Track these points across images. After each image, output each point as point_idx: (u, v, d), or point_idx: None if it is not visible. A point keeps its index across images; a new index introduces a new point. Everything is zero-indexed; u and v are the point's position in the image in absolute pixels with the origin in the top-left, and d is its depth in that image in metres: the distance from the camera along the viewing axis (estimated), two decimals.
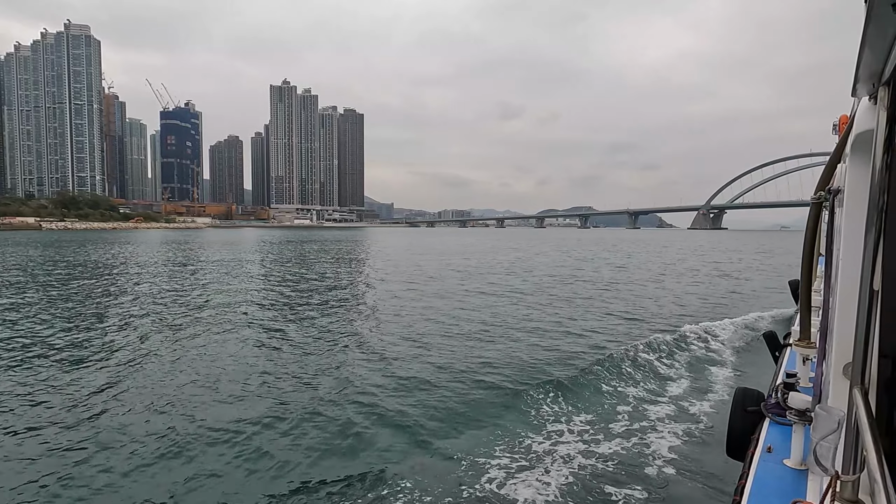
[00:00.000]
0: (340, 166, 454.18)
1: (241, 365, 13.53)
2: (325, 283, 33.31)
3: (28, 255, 52.97)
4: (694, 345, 16.02)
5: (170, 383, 11.89)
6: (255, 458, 8.25)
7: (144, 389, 11.44)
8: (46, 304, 22.96)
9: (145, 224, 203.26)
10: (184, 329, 17.89)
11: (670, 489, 7.42)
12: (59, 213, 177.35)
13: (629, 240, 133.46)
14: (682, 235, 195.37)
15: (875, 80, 2.45)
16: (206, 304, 23.40)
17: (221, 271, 38.72)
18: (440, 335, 17.30)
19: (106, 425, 9.42)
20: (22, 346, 15.18)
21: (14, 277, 33.11)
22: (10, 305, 22.28)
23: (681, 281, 36.22)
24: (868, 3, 1.81)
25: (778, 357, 6.74)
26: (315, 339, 16.86)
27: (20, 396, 10.85)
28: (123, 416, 9.86)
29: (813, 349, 5.36)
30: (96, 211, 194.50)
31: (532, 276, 38.95)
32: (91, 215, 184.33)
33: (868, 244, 2.32)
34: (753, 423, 4.56)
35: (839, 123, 4.77)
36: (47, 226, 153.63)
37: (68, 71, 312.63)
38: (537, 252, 72.12)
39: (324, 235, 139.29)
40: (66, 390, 11.28)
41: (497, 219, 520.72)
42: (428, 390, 11.59)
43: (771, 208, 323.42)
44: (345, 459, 8.33)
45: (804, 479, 3.62)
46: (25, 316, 19.95)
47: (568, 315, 21.52)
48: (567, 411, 10.49)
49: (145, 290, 27.91)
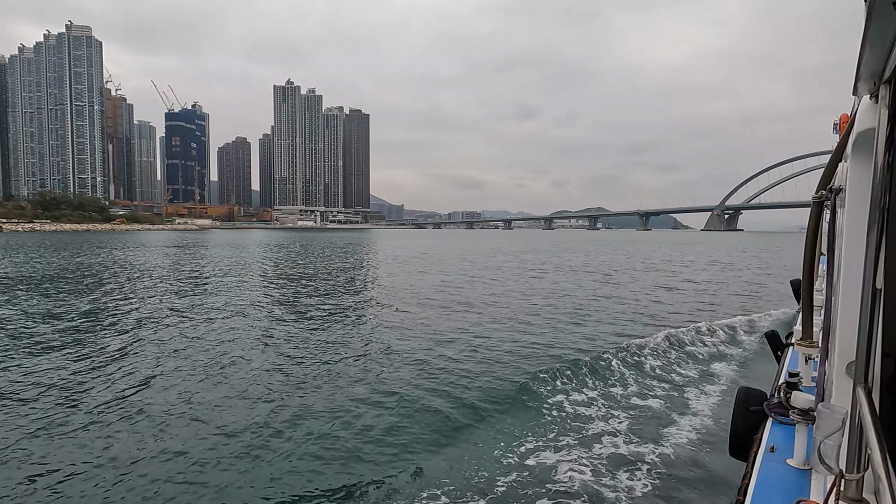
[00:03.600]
0: (346, 167, 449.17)
1: (239, 368, 13.35)
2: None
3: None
4: (696, 345, 15.89)
5: (172, 389, 11.57)
6: (275, 457, 8.29)
7: (154, 399, 11.03)
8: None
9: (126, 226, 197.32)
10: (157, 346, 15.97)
11: (673, 489, 7.42)
12: (34, 213, 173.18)
13: (620, 241, 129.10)
14: (686, 237, 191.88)
15: (876, 79, 2.43)
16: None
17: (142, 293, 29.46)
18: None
19: (119, 423, 9.51)
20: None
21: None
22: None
23: (680, 282, 35.78)
24: (868, 1, 1.81)
25: (780, 357, 6.73)
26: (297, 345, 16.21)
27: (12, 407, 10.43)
28: (135, 417, 9.88)
29: (815, 348, 5.33)
30: (75, 212, 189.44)
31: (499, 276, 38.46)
32: (66, 216, 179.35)
33: (870, 243, 2.31)
34: (756, 422, 4.53)
35: (840, 122, 4.71)
36: (10, 227, 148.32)
37: (69, 72, 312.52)
38: (512, 253, 71.08)
39: (315, 238, 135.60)
40: (69, 393, 11.16)
41: (504, 220, 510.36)
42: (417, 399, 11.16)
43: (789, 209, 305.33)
44: (349, 461, 8.36)
45: (807, 479, 3.60)
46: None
47: (558, 318, 21.03)
48: (569, 411, 10.46)
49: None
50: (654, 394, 11.66)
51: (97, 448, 8.55)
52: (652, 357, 14.31)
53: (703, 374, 13.28)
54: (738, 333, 17.69)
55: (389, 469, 7.98)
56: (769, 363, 7.89)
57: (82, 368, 13.08)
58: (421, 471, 7.88)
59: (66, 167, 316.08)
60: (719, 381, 12.64)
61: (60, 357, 14.19)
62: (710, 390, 11.96)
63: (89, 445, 8.65)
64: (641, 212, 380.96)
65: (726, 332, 17.68)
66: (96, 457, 8.25)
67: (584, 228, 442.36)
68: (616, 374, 12.84)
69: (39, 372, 12.72)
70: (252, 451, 8.47)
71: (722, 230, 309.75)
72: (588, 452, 8.53)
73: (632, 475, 7.76)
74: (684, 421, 10.00)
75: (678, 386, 12.29)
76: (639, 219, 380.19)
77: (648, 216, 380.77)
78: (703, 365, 14.07)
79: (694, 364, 14.10)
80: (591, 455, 8.44)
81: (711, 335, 17.07)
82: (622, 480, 7.61)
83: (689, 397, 11.43)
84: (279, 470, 7.91)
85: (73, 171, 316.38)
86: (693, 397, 11.43)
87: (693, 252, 75.71)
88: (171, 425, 9.51)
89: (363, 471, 7.91)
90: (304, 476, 7.75)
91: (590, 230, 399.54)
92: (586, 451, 8.57)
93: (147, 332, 17.43)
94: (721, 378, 12.92)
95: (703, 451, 8.63)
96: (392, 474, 7.79)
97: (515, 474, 7.78)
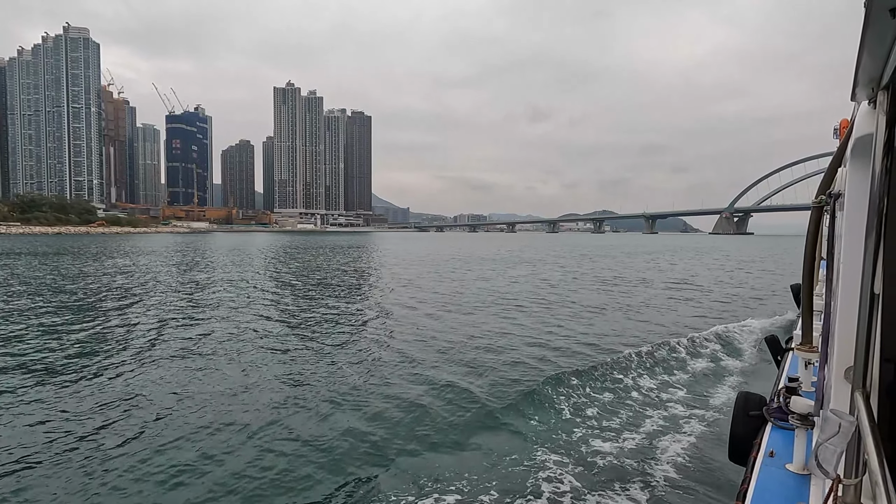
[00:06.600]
0: (347, 170, 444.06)
1: (235, 375, 13.02)
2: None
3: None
4: (695, 350, 15.92)
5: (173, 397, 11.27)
6: (272, 461, 8.31)
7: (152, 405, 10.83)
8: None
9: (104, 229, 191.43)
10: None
11: (672, 494, 7.48)
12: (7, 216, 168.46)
13: (609, 246, 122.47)
14: (689, 241, 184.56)
15: (874, 85, 2.43)
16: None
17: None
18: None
19: (118, 426, 9.51)
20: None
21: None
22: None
23: (679, 288, 34.87)
24: (867, 8, 1.81)
25: (780, 361, 6.72)
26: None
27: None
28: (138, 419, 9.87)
29: (815, 353, 5.32)
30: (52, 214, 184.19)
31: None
32: (40, 218, 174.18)
33: (868, 248, 2.30)
34: (756, 427, 4.51)
35: (840, 127, 4.70)
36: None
37: (66, 74, 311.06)
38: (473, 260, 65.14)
39: (307, 241, 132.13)
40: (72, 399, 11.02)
41: (508, 223, 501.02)
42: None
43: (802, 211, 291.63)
44: (349, 461, 8.41)
45: (807, 484, 3.61)
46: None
47: (556, 324, 20.36)
48: (567, 417, 10.50)
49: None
50: (653, 398, 11.66)
51: (96, 450, 8.55)
52: (651, 362, 14.25)
53: (702, 379, 13.25)
54: (737, 338, 17.54)
55: (389, 469, 8.08)
56: (769, 368, 7.86)
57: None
58: (420, 472, 8.01)
59: (63, 170, 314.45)
60: (719, 386, 12.61)
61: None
62: (710, 395, 11.96)
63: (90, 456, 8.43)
64: (648, 214, 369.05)
65: (726, 336, 17.63)
66: (96, 458, 8.27)
67: (589, 231, 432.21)
68: (614, 379, 12.72)
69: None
70: (252, 451, 8.56)
71: (731, 233, 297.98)
72: (585, 456, 8.59)
73: (630, 479, 7.83)
74: (684, 425, 10.00)
75: (678, 390, 12.23)
76: (645, 222, 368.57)
77: (655, 219, 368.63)
78: (703, 369, 14.03)
79: (693, 369, 14.07)
80: (588, 459, 8.49)
81: (711, 340, 17.02)
82: (620, 484, 7.68)
83: (689, 402, 11.43)
84: (279, 471, 7.98)
85: (70, 173, 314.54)
86: (693, 402, 11.44)
87: (675, 267, 62.91)
88: (168, 427, 9.50)
89: (363, 471, 8.04)
90: (304, 476, 7.83)
91: (595, 233, 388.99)
92: (583, 455, 8.62)
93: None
94: (721, 382, 12.91)
95: (703, 456, 8.64)
96: (392, 475, 7.92)
97: (510, 477, 7.88)
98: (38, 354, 14.75)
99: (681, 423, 10.16)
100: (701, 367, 14.27)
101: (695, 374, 13.63)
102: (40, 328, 18.37)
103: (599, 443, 9.15)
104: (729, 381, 13.11)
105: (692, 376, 13.46)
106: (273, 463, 8.23)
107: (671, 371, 13.83)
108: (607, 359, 14.24)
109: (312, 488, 7.52)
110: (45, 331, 17.92)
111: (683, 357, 15.14)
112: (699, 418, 10.39)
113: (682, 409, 11.00)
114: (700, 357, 15.32)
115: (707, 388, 12.53)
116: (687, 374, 13.68)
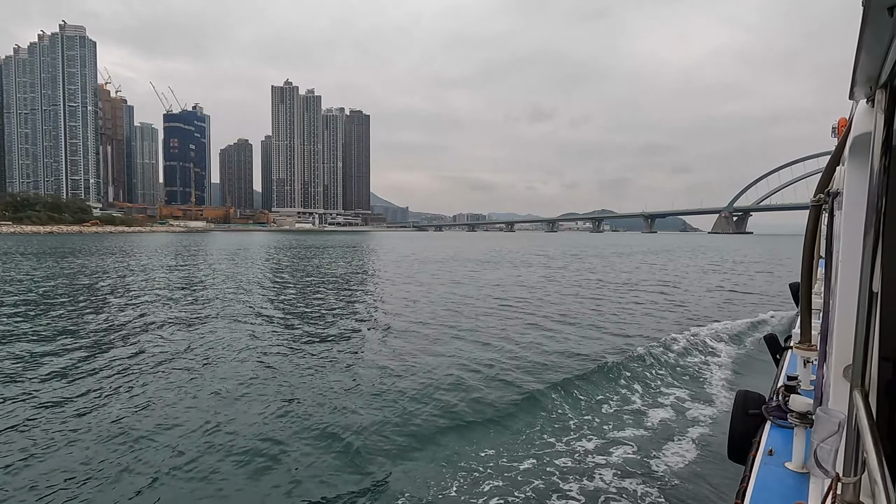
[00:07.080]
0: (345, 169, 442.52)
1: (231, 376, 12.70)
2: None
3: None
4: (694, 349, 15.82)
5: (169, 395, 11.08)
6: (271, 465, 8.21)
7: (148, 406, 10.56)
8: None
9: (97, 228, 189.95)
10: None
11: (672, 493, 7.47)
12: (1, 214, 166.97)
13: (601, 245, 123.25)
14: (686, 240, 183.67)
15: (872, 84, 2.43)
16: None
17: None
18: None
19: (116, 429, 9.28)
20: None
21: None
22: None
23: (677, 286, 34.56)
24: (864, 6, 1.80)
25: (779, 360, 6.75)
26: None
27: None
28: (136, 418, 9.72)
29: (813, 352, 5.34)
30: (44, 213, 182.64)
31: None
32: (32, 218, 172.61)
33: (867, 246, 2.31)
34: (755, 426, 4.52)
35: (838, 126, 4.69)
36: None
37: (62, 72, 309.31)
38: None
39: (308, 241, 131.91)
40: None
41: (507, 223, 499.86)
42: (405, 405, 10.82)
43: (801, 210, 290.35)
44: (349, 461, 8.35)
45: (806, 482, 3.61)
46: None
47: (557, 324, 20.11)
48: (566, 416, 10.43)
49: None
50: (652, 397, 11.61)
51: (96, 452, 8.41)
52: (650, 361, 14.13)
53: (701, 378, 13.17)
54: (737, 337, 17.56)
55: (389, 470, 8.04)
56: (768, 366, 7.96)
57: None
58: (417, 474, 7.99)
59: (59, 169, 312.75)
60: (718, 385, 12.54)
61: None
62: (709, 393, 11.90)
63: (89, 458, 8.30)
64: (647, 214, 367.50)
65: (725, 335, 17.52)
66: (96, 460, 8.18)
67: (588, 231, 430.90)
68: (613, 379, 12.65)
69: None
70: (251, 452, 8.47)
71: (730, 233, 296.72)
72: (584, 455, 8.54)
73: (630, 478, 7.81)
74: (683, 424, 9.97)
75: (677, 389, 12.15)
76: (644, 221, 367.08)
77: (654, 218, 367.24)
78: (702, 368, 13.95)
79: (693, 367, 13.98)
80: (588, 458, 8.45)
81: (710, 338, 16.94)
82: (620, 483, 7.66)
83: (688, 400, 11.37)
84: (278, 472, 7.93)
85: (66, 172, 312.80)
86: (692, 400, 11.37)
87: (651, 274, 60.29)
88: (166, 429, 9.30)
89: (364, 471, 7.99)
90: (303, 478, 7.76)
91: (593, 233, 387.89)
92: (583, 454, 8.57)
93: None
94: (720, 381, 12.82)
95: (702, 455, 8.61)
96: (391, 476, 7.87)
97: (511, 476, 7.83)
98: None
99: (680, 421, 10.13)
100: (700, 366, 14.18)
101: (693, 373, 13.53)
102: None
103: (598, 441, 9.11)
104: (728, 379, 13.06)
105: (691, 375, 13.39)
106: (272, 463, 8.19)
107: (670, 370, 13.75)
108: (606, 359, 14.06)
109: (310, 488, 7.45)
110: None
111: (682, 356, 15.06)
112: (698, 417, 10.35)
113: (682, 407, 10.96)
114: (699, 356, 15.25)
115: (706, 386, 12.48)
116: (685, 372, 13.60)
